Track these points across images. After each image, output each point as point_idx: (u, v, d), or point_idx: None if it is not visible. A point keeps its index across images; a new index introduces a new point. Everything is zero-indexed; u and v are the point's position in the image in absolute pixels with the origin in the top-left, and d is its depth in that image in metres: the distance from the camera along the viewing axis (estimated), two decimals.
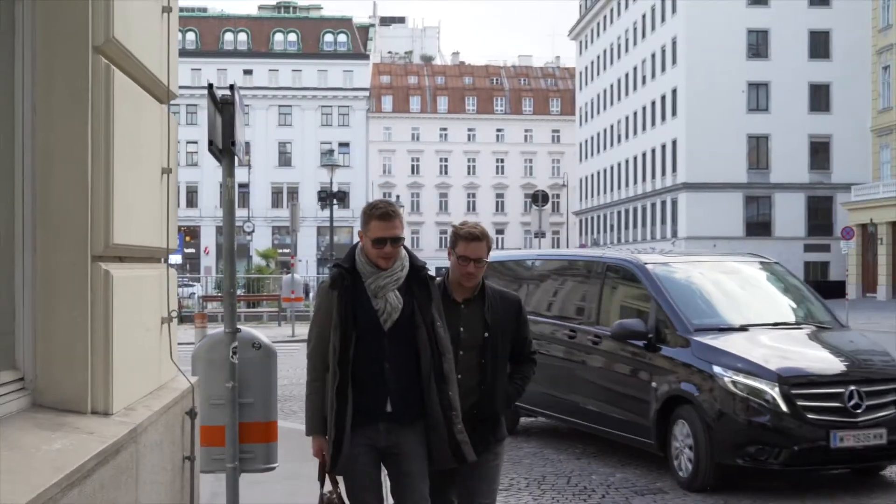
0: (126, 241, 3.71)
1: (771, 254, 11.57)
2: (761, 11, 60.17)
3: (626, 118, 72.89)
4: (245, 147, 5.52)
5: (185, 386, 4.51)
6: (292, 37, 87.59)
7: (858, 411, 7.46)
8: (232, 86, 5.07)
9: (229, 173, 5.22)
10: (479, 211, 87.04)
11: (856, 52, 56.71)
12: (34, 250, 3.36)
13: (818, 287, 12.87)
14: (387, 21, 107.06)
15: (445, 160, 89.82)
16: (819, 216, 60.88)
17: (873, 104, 52.36)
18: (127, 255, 3.84)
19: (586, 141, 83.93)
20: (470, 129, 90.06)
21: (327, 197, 34.21)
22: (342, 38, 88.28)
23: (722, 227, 58.84)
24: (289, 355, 17.22)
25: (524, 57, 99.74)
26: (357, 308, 4.12)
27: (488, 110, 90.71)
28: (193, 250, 78.26)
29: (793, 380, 7.45)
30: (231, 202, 5.35)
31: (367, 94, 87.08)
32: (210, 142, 5.06)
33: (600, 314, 9.19)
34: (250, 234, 51.68)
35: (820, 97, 60.87)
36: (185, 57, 71.05)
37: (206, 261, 77.07)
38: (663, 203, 65.29)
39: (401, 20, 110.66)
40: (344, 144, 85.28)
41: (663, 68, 64.77)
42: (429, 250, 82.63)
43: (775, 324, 8.61)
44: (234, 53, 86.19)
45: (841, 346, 8.47)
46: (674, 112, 62.69)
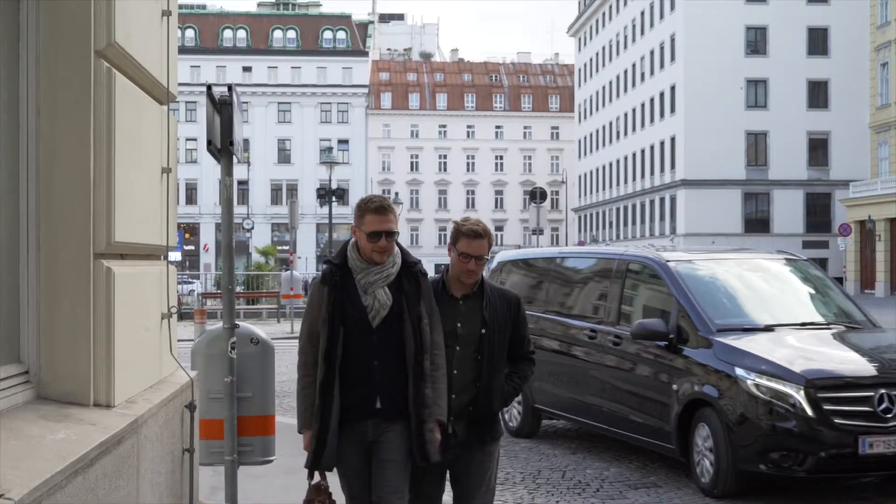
0: (127, 238, 3.81)
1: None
2: (760, 8, 60.16)
3: (625, 115, 72.86)
4: (243, 145, 5.62)
5: (185, 380, 4.62)
6: (291, 34, 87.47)
7: (889, 416, 6.95)
8: (230, 86, 5.15)
9: (227, 172, 5.31)
10: (479, 208, 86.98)
11: (854, 49, 56.74)
12: (38, 248, 3.45)
13: None
14: (386, 18, 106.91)
15: (444, 157, 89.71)
16: (817, 213, 60.92)
17: (871, 101, 52.39)
18: (128, 252, 3.94)
19: (585, 138, 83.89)
20: (469, 126, 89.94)
21: (326, 194, 34.25)
22: (341, 35, 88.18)
23: (720, 223, 58.81)
24: (288, 352, 17.20)
25: (523, 54, 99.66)
26: (346, 304, 4.10)
27: (487, 107, 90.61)
28: (193, 247, 78.00)
29: (819, 382, 6.98)
30: (229, 201, 5.44)
31: (366, 90, 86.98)
32: (209, 141, 5.16)
33: (621, 314, 8.81)
34: (250, 231, 51.73)
35: (818, 94, 60.89)
36: (185, 54, 70.97)
37: (206, 258, 76.88)
38: (662, 200, 65.28)
39: (400, 17, 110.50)
40: (343, 141, 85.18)
41: (662, 65, 64.76)
42: (428, 247, 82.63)
43: (803, 324, 8.16)
44: (234, 50, 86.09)
45: (872, 346, 7.98)
46: (672, 109, 62.69)
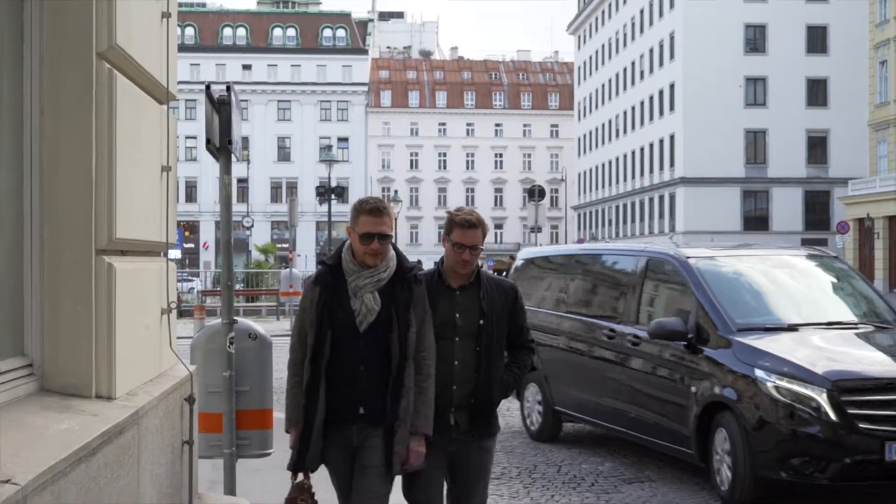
0: (128, 235, 3.90)
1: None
2: (759, 6, 60.23)
3: (625, 113, 72.91)
4: (243, 143, 5.72)
5: (184, 374, 4.71)
6: (291, 32, 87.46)
7: None
8: (228, 86, 5.25)
9: (226, 171, 5.41)
10: (478, 205, 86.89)
11: (853, 47, 56.80)
12: (41, 245, 3.54)
13: None
14: (385, 16, 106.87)
15: (444, 155, 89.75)
16: (816, 210, 61.02)
17: (870, 99, 52.44)
18: (129, 249, 4.02)
19: (585, 136, 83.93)
20: (469, 124, 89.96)
21: (326, 192, 34.27)
22: (341, 33, 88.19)
23: (720, 221, 58.89)
24: (286, 349, 17.32)
25: (523, 52, 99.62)
26: (335, 306, 4.04)
27: (487, 105, 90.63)
28: (192, 245, 77.99)
29: (843, 385, 6.59)
30: (228, 199, 5.54)
31: (365, 88, 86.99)
32: (208, 140, 5.25)
33: (640, 313, 8.46)
34: (249, 228, 51.79)
35: (817, 92, 60.97)
36: (184, 52, 70.98)
37: (206, 256, 76.84)
38: (661, 198, 65.35)
39: (399, 15, 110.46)
40: (343, 139, 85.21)
41: (661, 63, 64.82)
42: (427, 245, 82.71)
43: (829, 323, 7.75)
44: (233, 48, 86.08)
45: None
46: (672, 107, 62.75)
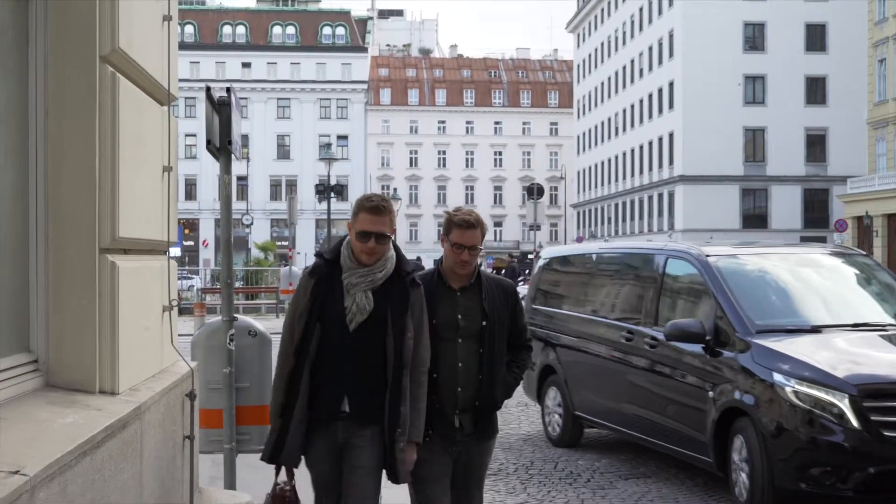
0: (130, 234, 3.98)
1: None
2: (758, 4, 60.26)
3: (624, 111, 72.95)
4: (242, 141, 5.81)
5: (185, 370, 4.79)
6: (290, 30, 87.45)
7: None
8: (228, 88, 5.33)
9: (226, 170, 5.50)
10: (478, 203, 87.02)
11: (852, 45, 56.90)
12: (47, 244, 3.63)
13: None
14: (385, 14, 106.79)
15: (444, 153, 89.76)
16: (815, 208, 61.09)
17: (869, 97, 52.53)
18: (131, 247, 4.11)
19: (584, 133, 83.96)
20: (468, 122, 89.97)
21: (325, 190, 34.32)
22: (340, 30, 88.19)
23: (718, 219, 58.98)
24: None
25: (522, 50, 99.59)
26: (327, 301, 3.97)
27: (486, 103, 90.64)
28: (192, 243, 78.06)
29: (866, 389, 6.22)
30: (228, 198, 5.63)
31: (365, 86, 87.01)
32: (208, 141, 5.34)
33: (659, 314, 8.09)
34: (249, 226, 51.87)
35: (816, 90, 61.04)
36: (184, 50, 70.90)
37: (205, 253, 76.87)
38: (660, 195, 65.41)
39: (399, 13, 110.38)
40: (342, 137, 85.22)
41: (660, 61, 64.86)
42: (427, 243, 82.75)
43: (855, 325, 7.35)
44: (233, 46, 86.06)
45: None
46: (671, 105, 62.80)
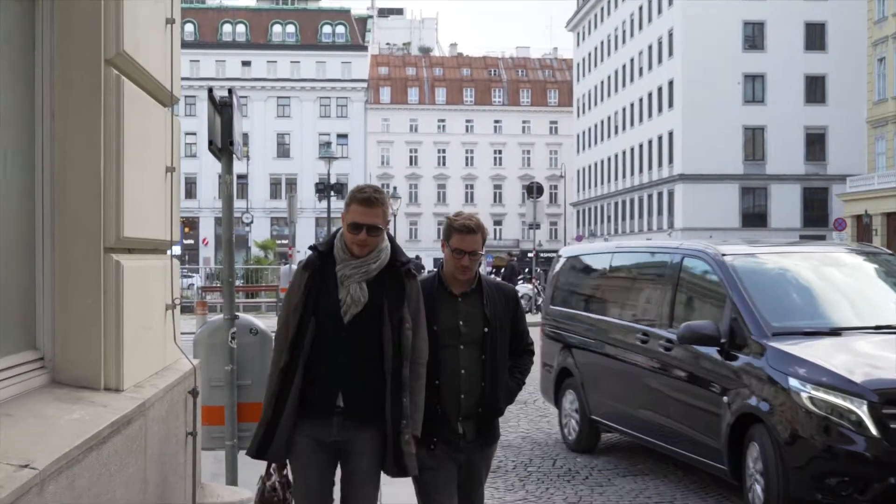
0: (134, 234, 4.05)
1: None
2: (757, 3, 60.31)
3: (624, 109, 73.02)
4: (243, 139, 5.86)
5: (188, 367, 4.86)
6: (291, 28, 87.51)
7: None
8: (230, 89, 5.40)
9: (228, 170, 5.57)
10: (477, 202, 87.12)
11: (851, 44, 56.99)
12: (53, 243, 3.70)
13: None
14: (385, 12, 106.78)
15: (443, 151, 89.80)
16: (814, 207, 61.17)
17: (869, 96, 52.60)
18: (135, 247, 4.18)
19: (584, 132, 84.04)
20: (468, 121, 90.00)
21: (325, 188, 34.37)
22: (340, 29, 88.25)
23: (718, 218, 59.07)
24: None
25: (522, 48, 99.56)
26: (321, 294, 3.92)
27: (486, 102, 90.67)
28: (192, 241, 78.12)
29: (887, 396, 5.96)
30: (229, 198, 5.70)
31: (365, 85, 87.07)
32: (210, 141, 5.41)
33: (674, 315, 7.85)
34: (249, 225, 51.94)
35: (816, 89, 61.12)
36: (184, 49, 70.16)
37: (205, 252, 76.96)
38: (660, 194, 65.49)
39: (399, 11, 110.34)
40: (342, 136, 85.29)
41: (660, 60, 64.94)
42: (426, 241, 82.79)
43: (878, 327, 6.99)
44: (233, 45, 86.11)
45: None
46: (670, 103, 62.87)
